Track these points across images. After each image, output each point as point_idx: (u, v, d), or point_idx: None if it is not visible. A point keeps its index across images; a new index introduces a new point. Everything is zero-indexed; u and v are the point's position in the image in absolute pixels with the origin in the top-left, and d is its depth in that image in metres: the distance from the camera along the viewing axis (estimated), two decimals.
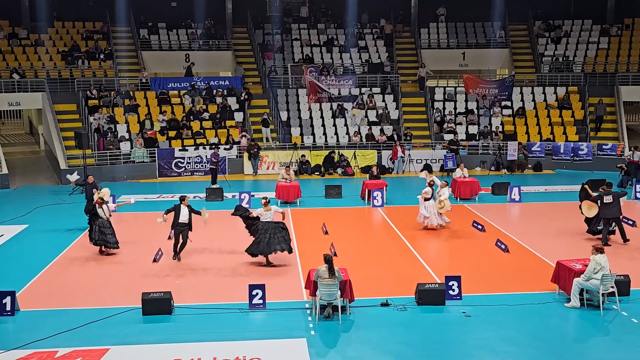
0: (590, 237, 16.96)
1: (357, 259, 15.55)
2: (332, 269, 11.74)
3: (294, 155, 28.09)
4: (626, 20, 35.65)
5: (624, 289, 12.71)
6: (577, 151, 28.61)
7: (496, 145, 28.91)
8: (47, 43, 32.76)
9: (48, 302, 12.84)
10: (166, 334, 11.34)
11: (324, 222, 18.54)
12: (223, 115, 29.95)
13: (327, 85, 31.39)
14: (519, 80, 33.20)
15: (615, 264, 13.41)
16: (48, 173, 28.28)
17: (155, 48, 34.27)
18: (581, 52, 34.70)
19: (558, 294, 12.99)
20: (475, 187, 22.41)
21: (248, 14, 35.75)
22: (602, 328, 11.65)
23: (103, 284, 13.90)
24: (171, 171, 27.36)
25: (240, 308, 12.35)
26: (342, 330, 11.52)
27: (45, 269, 14.91)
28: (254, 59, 35.04)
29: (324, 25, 36.68)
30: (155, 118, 29.36)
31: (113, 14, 33.93)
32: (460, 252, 16.33)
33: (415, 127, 30.98)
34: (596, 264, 12.03)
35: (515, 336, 11.22)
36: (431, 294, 12.53)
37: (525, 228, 18.64)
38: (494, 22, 35.96)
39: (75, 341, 10.97)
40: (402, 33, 36.73)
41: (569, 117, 31.08)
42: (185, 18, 35.45)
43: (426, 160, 28.75)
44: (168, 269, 14.90)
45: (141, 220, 19.85)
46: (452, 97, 32.61)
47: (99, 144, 27.25)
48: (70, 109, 29.63)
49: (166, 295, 12.25)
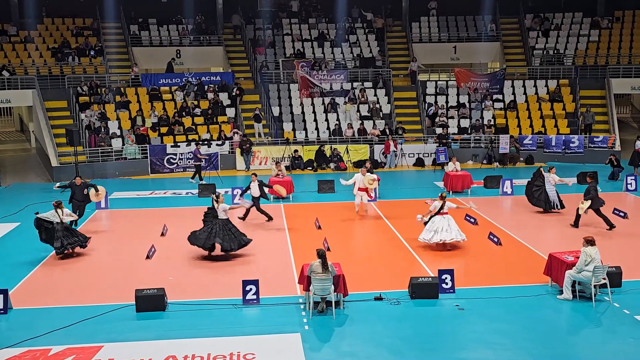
0: (582, 230, 17.03)
1: (351, 254, 15.58)
2: (326, 263, 11.75)
3: (286, 150, 28.07)
4: (616, 12, 35.78)
5: (616, 280, 12.79)
6: (569, 144, 28.72)
7: (488, 139, 28.98)
8: (37, 40, 32.57)
9: (41, 300, 12.80)
10: (160, 330, 11.32)
11: (317, 217, 18.55)
12: (215, 111, 29.88)
13: (319, 80, 31.36)
14: (510, 74, 33.28)
15: (606, 255, 13.48)
16: (39, 170, 28.14)
17: (146, 44, 34.14)
18: (572, 45, 34.81)
19: (550, 286, 13.05)
20: (467, 180, 22.46)
21: (239, 9, 35.64)
22: (595, 319, 11.72)
23: (96, 281, 13.86)
24: (163, 167, 27.28)
25: (233, 304, 12.35)
26: (336, 324, 11.54)
27: (37, 267, 14.86)
28: (245, 55, 34.96)
29: (315, 20, 36.62)
30: (147, 114, 29.25)
31: (103, 10, 33.80)
32: (453, 246, 16.35)
33: (408, 121, 31.02)
34: (587, 255, 12.09)
35: (508, 329, 11.27)
36: (424, 287, 12.56)
37: (517, 221, 18.71)
38: (484, 15, 36.03)
39: (68, 339, 10.94)
40: (392, 27, 36.70)
41: (560, 110, 31.18)
42: (175, 14, 35.33)
43: (418, 154, 28.80)
44: (161, 265, 14.87)
45: (134, 218, 19.79)
46: (444, 90, 32.65)
47: (90, 141, 27.14)
48: (61, 105, 29.50)
49: (160, 291, 12.23)
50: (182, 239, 16.35)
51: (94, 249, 16.16)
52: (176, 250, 15.81)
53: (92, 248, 16.08)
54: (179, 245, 16.14)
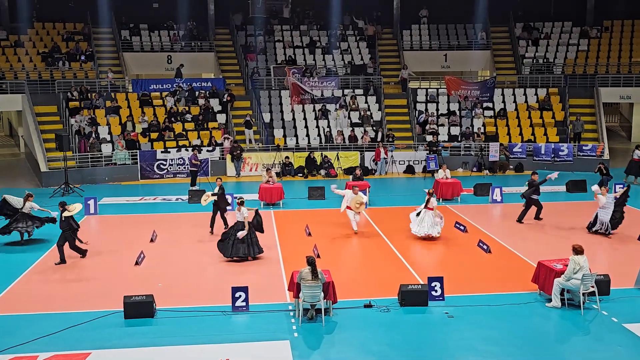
0: (571, 238, 17.10)
1: (340, 261, 15.57)
2: (315, 270, 11.73)
3: (276, 156, 28.05)
4: (605, 22, 36.08)
5: (604, 288, 12.85)
6: (558, 152, 28.88)
7: (478, 147, 29.10)
8: (27, 44, 32.43)
9: (28, 307, 12.70)
10: (148, 337, 11.26)
11: (307, 224, 18.53)
12: (205, 117, 29.84)
13: (310, 86, 31.41)
14: (500, 82, 33.46)
15: (595, 263, 13.54)
16: (28, 176, 27.97)
17: (137, 49, 34.08)
18: (561, 54, 35.07)
19: (539, 294, 13.10)
20: (457, 188, 22.53)
21: (230, 15, 35.66)
22: (583, 327, 11.77)
23: (84, 288, 13.77)
24: (153, 173, 27.19)
25: (223, 311, 12.30)
26: (325, 332, 11.52)
27: (24, 273, 14.74)
28: (236, 61, 34.97)
29: (306, 26, 36.70)
30: (137, 120, 29.17)
31: (94, 15, 33.69)
32: (442, 253, 16.41)
33: (398, 128, 31.10)
34: (575, 264, 12.15)
35: (497, 336, 11.30)
36: (414, 295, 12.57)
37: (507, 229, 18.78)
38: (475, 24, 36.22)
39: (56, 345, 10.86)
40: (381, 34, 36.82)
41: (549, 118, 31.38)
42: (167, 19, 35.30)
43: (408, 161, 28.87)
44: (150, 272, 14.80)
45: (123, 224, 19.70)
46: (435, 98, 32.77)
47: (80, 146, 27.03)
48: (50, 110, 29.36)
49: (148, 298, 12.17)
50: (172, 245, 16.33)
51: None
52: (165, 257, 15.73)
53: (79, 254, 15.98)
54: (168, 251, 16.07)
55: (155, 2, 35.99)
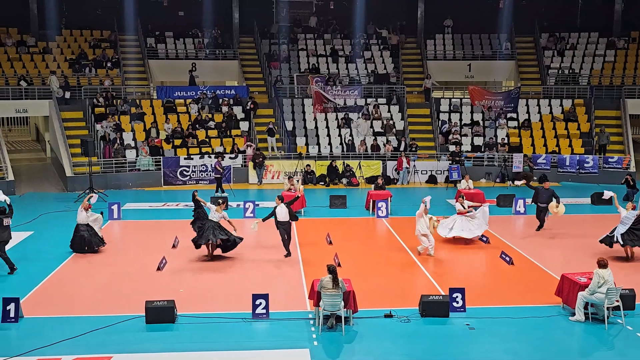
0: (595, 251, 16.86)
1: (361, 270, 15.53)
2: (336, 279, 11.72)
3: (299, 165, 28.12)
4: (633, 33, 35.67)
5: (629, 303, 12.63)
6: (583, 164, 28.54)
7: (501, 157, 28.88)
8: (55, 51, 32.96)
9: (52, 309, 12.86)
10: (169, 342, 11.33)
11: (328, 232, 18.52)
12: (229, 124, 30.03)
13: (333, 95, 31.44)
14: (525, 92, 33.20)
15: (620, 277, 13.34)
16: (54, 180, 28.38)
17: (162, 57, 34.45)
18: (587, 64, 34.71)
19: (562, 307, 12.93)
20: (479, 198, 22.35)
21: (255, 23, 35.92)
22: (607, 342, 11.59)
23: (107, 292, 13.91)
24: (176, 179, 27.42)
25: (243, 317, 12.33)
26: (345, 341, 11.49)
27: (49, 276, 14.94)
28: (260, 69, 35.18)
29: (330, 35, 36.82)
30: (161, 126, 29.46)
31: (121, 23, 34.17)
32: (464, 264, 16.29)
33: (421, 137, 30.98)
34: (599, 277, 11.97)
35: (519, 349, 11.16)
36: (435, 305, 12.49)
37: (530, 240, 18.58)
38: (500, 34, 36.02)
39: (78, 349, 10.98)
40: (404, 44, 36.79)
41: (574, 129, 31.04)
42: (192, 27, 35.66)
43: (431, 171, 28.75)
44: (172, 277, 14.90)
45: (146, 229, 19.87)
46: (458, 108, 32.62)
47: (105, 152, 27.35)
48: (76, 116, 29.77)
49: (169, 303, 12.25)
50: (194, 251, 16.41)
51: (106, 260, 16.25)
52: (187, 263, 15.83)
53: (103, 258, 16.16)
54: (190, 257, 16.17)
55: (181, 10, 36.37)
